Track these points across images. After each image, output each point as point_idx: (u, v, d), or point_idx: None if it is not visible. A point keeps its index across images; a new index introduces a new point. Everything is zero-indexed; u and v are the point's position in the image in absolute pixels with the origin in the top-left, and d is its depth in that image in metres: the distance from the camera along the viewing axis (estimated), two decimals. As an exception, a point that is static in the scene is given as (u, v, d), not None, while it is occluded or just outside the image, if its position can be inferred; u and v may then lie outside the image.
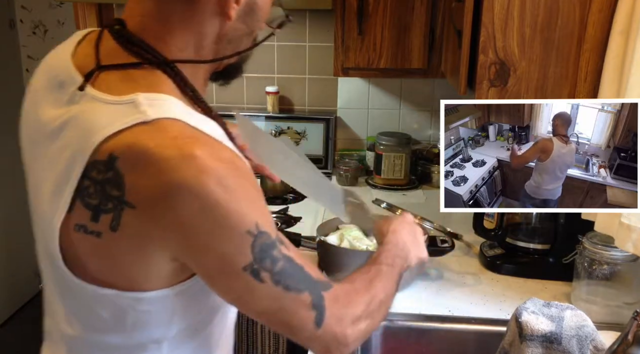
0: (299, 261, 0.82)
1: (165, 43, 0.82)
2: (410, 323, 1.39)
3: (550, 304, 1.11)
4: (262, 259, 0.77)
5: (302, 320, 0.82)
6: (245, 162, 0.81)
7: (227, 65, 0.91)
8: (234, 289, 0.80)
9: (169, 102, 0.77)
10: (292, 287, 0.80)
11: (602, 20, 1.25)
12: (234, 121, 1.00)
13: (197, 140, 0.75)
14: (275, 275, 0.78)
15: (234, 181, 0.75)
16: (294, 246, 0.86)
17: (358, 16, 2.03)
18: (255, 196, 0.79)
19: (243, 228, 0.76)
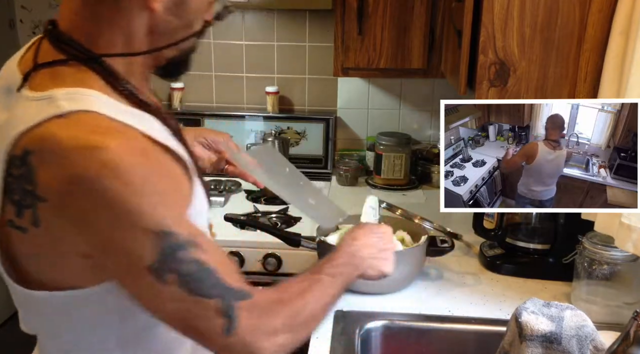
0: (212, 266, 0.79)
1: (94, 39, 0.82)
2: (410, 323, 1.39)
3: (550, 304, 1.11)
4: (167, 260, 0.75)
5: (210, 327, 0.79)
6: (162, 155, 0.79)
7: (169, 59, 0.90)
8: (140, 289, 0.79)
9: (89, 95, 0.78)
10: (199, 292, 0.77)
11: (602, 21, 1.25)
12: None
13: (109, 132, 0.74)
14: (181, 278, 0.76)
15: (141, 176, 0.74)
16: (216, 249, 0.83)
17: (358, 16, 2.03)
18: (167, 194, 0.77)
19: (145, 226, 0.74)
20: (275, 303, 0.87)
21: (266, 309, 0.85)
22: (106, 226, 0.74)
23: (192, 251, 0.77)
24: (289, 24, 2.49)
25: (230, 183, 2.35)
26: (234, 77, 2.56)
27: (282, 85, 2.54)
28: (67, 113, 0.74)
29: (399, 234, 1.61)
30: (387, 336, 1.38)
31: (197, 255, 0.77)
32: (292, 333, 0.88)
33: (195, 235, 0.79)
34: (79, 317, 0.86)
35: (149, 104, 0.86)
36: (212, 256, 0.80)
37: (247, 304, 0.81)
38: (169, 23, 0.85)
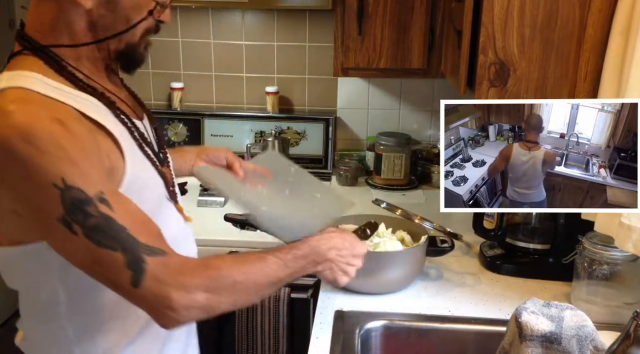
0: (122, 223, 0.87)
1: (43, 34, 0.97)
2: (410, 323, 1.39)
3: (550, 304, 1.11)
4: (74, 212, 0.85)
5: (119, 278, 0.87)
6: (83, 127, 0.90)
7: (118, 53, 1.03)
8: (55, 239, 0.89)
9: (27, 76, 0.91)
10: (105, 244, 0.86)
11: (602, 21, 1.25)
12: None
13: (28, 101, 0.87)
14: (87, 230, 0.85)
15: (48, 139, 0.84)
16: (134, 211, 0.91)
17: (358, 16, 2.03)
18: (76, 156, 0.86)
19: (48, 181, 0.84)
20: (196, 264, 0.95)
21: (182, 268, 0.91)
22: (19, 182, 0.85)
23: (100, 207, 0.86)
24: (289, 24, 2.49)
25: (230, 183, 2.35)
26: (234, 77, 2.56)
27: (282, 85, 2.54)
28: (1, 90, 0.88)
29: (399, 234, 1.61)
30: (387, 336, 1.38)
31: (104, 210, 0.86)
32: (213, 295, 0.92)
33: (106, 193, 0.88)
34: (24, 272, 0.98)
35: (93, 89, 0.98)
36: (125, 215, 0.89)
37: (158, 260, 0.89)
38: (105, 18, 0.97)
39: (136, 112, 1.11)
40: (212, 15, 2.49)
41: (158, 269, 0.88)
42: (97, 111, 0.95)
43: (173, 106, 2.56)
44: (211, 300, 0.92)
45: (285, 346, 1.88)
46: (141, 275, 0.87)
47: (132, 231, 0.88)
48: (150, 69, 2.56)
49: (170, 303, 0.89)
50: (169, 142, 2.50)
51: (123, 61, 1.06)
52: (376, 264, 1.47)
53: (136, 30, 1.01)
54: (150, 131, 1.13)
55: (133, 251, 0.87)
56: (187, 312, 0.90)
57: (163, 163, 1.11)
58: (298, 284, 1.87)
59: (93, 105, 0.96)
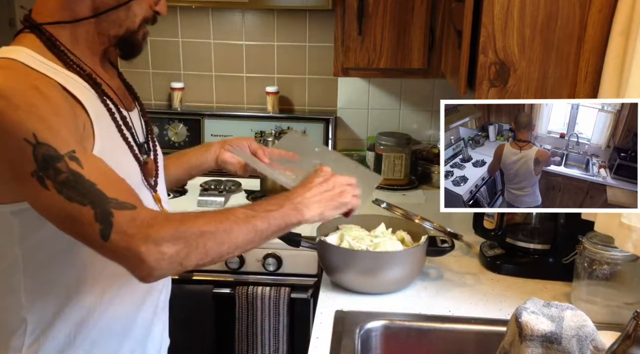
0: (91, 179, 0.91)
1: (44, 16, 1.04)
2: (410, 323, 1.39)
3: (550, 304, 1.11)
4: (45, 168, 0.89)
5: (88, 231, 0.91)
6: (59, 97, 0.95)
7: (117, 38, 1.08)
8: (28, 193, 0.93)
9: (20, 50, 0.98)
10: (75, 198, 0.90)
11: (602, 21, 1.25)
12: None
13: (11, 69, 0.94)
14: (57, 185, 0.90)
15: (24, 100, 0.90)
16: (104, 169, 0.96)
17: (358, 16, 2.03)
18: (46, 115, 0.91)
19: (20, 136, 0.89)
20: (164, 218, 0.97)
21: (151, 221, 0.94)
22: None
23: (70, 164, 0.91)
24: (289, 24, 2.49)
25: (230, 183, 2.35)
26: (234, 77, 2.57)
27: (282, 85, 2.54)
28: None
29: (399, 234, 1.61)
30: (387, 336, 1.38)
31: (73, 167, 0.91)
32: (181, 246, 0.94)
33: (77, 152, 0.92)
34: None
35: (81, 69, 1.04)
36: (95, 172, 0.93)
37: (126, 213, 0.92)
38: (106, 3, 1.04)
39: (125, 102, 1.14)
40: (212, 15, 2.49)
41: (126, 223, 0.91)
42: (79, 88, 1.00)
43: (173, 106, 2.56)
44: (181, 251, 0.94)
45: (285, 346, 1.88)
46: (110, 229, 0.90)
47: (101, 187, 0.92)
48: (150, 69, 2.56)
49: (140, 255, 0.91)
50: (169, 142, 2.50)
51: (122, 47, 1.10)
52: (376, 264, 1.47)
53: (135, 17, 1.07)
54: (139, 122, 1.17)
55: (101, 205, 0.90)
56: (157, 264, 0.92)
57: (146, 153, 1.15)
58: (298, 284, 1.87)
59: (77, 83, 1.01)
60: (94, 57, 1.09)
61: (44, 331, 1.06)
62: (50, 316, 1.06)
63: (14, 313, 1.05)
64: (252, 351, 1.89)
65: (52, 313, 1.06)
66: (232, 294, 1.86)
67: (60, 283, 1.05)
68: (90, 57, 1.08)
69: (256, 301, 1.84)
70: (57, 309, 1.06)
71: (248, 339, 1.88)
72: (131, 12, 1.06)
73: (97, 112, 1.02)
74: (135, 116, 1.17)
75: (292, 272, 1.89)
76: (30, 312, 1.05)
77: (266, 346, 1.88)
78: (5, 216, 0.99)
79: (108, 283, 1.09)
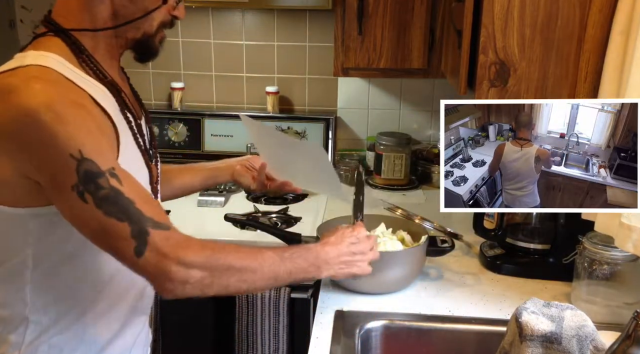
0: (129, 196, 0.94)
1: (67, 19, 1.04)
2: (410, 323, 1.39)
3: (550, 304, 1.11)
4: (87, 182, 0.91)
5: (122, 247, 0.94)
6: (96, 111, 0.98)
7: (134, 42, 1.09)
8: (66, 206, 0.94)
9: (50, 57, 0.98)
10: (113, 214, 0.92)
11: (602, 21, 1.25)
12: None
13: (51, 80, 0.95)
14: (97, 200, 0.92)
15: (70, 112, 0.92)
16: (140, 188, 0.98)
17: (358, 16, 2.03)
18: (92, 133, 0.94)
19: (66, 151, 0.91)
20: (196, 242, 1.00)
21: (183, 244, 0.97)
22: (40, 147, 0.91)
23: (111, 180, 0.93)
24: (289, 24, 2.49)
25: (231, 183, 2.35)
26: (234, 77, 2.56)
27: (282, 85, 2.54)
28: (27, 66, 0.96)
29: (399, 234, 1.61)
30: (387, 336, 1.38)
31: (114, 184, 0.93)
32: (208, 273, 0.98)
33: (116, 170, 0.95)
34: (3, 232, 1.02)
35: (104, 76, 1.05)
36: (132, 190, 0.95)
37: (162, 233, 0.95)
38: (126, 8, 1.05)
39: (136, 108, 1.15)
40: (212, 15, 2.49)
41: (160, 242, 0.94)
42: (105, 98, 1.02)
43: (173, 106, 2.56)
44: (206, 279, 0.98)
45: (285, 346, 1.88)
46: (144, 246, 0.93)
47: (139, 205, 0.94)
48: (150, 69, 2.56)
49: (169, 274, 0.94)
50: (169, 142, 2.50)
51: (139, 50, 1.11)
52: (376, 264, 1.47)
53: (153, 21, 1.08)
54: (145, 128, 1.18)
55: (139, 223, 0.93)
56: (182, 286, 0.96)
57: (152, 159, 1.17)
58: (298, 284, 1.87)
59: (102, 92, 1.03)
60: (112, 61, 1.10)
61: (45, 331, 1.06)
62: (51, 317, 1.06)
63: (17, 310, 1.05)
64: (252, 351, 1.89)
65: (54, 313, 1.07)
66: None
67: (63, 285, 1.06)
68: (109, 61, 1.09)
69: (256, 301, 1.84)
70: (58, 311, 1.07)
71: (248, 339, 1.88)
72: (150, 16, 1.07)
73: (119, 122, 1.04)
74: (143, 123, 1.18)
75: (292, 272, 1.89)
76: (33, 311, 1.05)
77: (266, 346, 1.88)
78: (25, 218, 1.00)
79: (108, 288, 1.10)
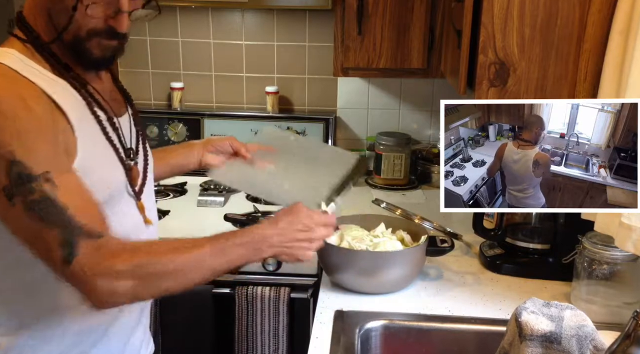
0: (62, 203, 0.91)
1: (32, 15, 1.04)
2: (410, 323, 1.39)
3: (550, 304, 1.11)
4: (18, 185, 0.89)
5: (51, 255, 0.91)
6: (46, 108, 0.95)
7: (69, 46, 1.03)
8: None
9: (10, 54, 0.99)
10: (43, 220, 0.90)
11: (602, 20, 1.25)
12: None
13: (2, 75, 0.94)
14: (26, 204, 0.89)
15: (8, 113, 0.90)
16: (78, 193, 0.95)
17: (358, 16, 2.03)
18: (30, 134, 0.91)
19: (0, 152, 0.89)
20: (128, 249, 0.97)
21: (114, 252, 0.94)
22: None
23: (44, 185, 0.90)
24: (289, 24, 2.49)
25: (230, 183, 2.35)
26: (233, 77, 2.56)
27: (282, 85, 2.54)
28: None
29: (399, 234, 1.61)
30: (387, 336, 1.38)
31: (46, 188, 0.90)
32: (140, 281, 0.96)
33: (53, 174, 0.91)
34: None
35: (67, 71, 1.03)
36: (69, 196, 0.92)
37: (91, 242, 0.92)
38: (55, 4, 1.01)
39: (114, 106, 1.12)
40: (212, 15, 2.49)
41: (89, 252, 0.91)
42: (62, 93, 1.00)
43: (173, 106, 2.56)
44: (138, 287, 0.95)
45: (285, 346, 1.88)
46: (72, 256, 0.91)
47: (72, 212, 0.91)
48: (150, 69, 2.56)
49: (95, 286, 0.92)
50: (169, 142, 2.50)
51: (74, 55, 1.05)
52: (376, 264, 1.47)
53: (84, 25, 1.01)
54: (130, 127, 1.16)
55: (68, 232, 0.91)
56: (110, 297, 0.94)
57: (132, 159, 1.13)
58: (298, 284, 1.87)
59: (61, 87, 1.00)
60: (69, 58, 1.06)
61: (16, 332, 1.05)
62: (21, 319, 1.05)
63: None
64: (252, 351, 1.89)
65: (23, 316, 1.05)
66: (232, 294, 1.86)
67: (24, 289, 1.04)
68: (73, 62, 1.06)
69: (256, 301, 1.84)
70: (27, 313, 1.05)
71: (248, 339, 1.88)
72: (80, 19, 1.00)
73: (80, 116, 1.01)
74: (125, 122, 1.15)
75: (292, 272, 1.89)
76: (1, 313, 1.05)
77: (266, 346, 1.88)
78: None
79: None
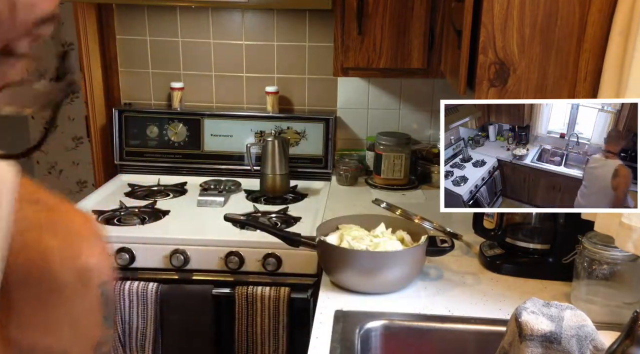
0: None
1: None
2: (410, 323, 1.39)
3: (550, 304, 1.11)
4: None
5: None
6: None
7: None
8: None
9: None
10: None
11: (602, 20, 1.25)
12: None
13: None
14: None
15: None
16: None
17: (358, 16, 2.03)
18: None
19: None
20: None
21: None
22: None
23: None
24: (289, 24, 2.49)
25: (230, 183, 2.35)
26: (233, 77, 2.56)
27: (282, 85, 2.54)
28: None
29: (399, 234, 1.61)
30: (387, 336, 1.38)
31: None
32: None
33: None
34: None
35: None
36: None
37: None
38: None
39: None
40: (212, 15, 2.49)
41: None
42: None
43: (173, 106, 2.56)
44: None
45: (285, 346, 1.88)
46: None
47: None
48: (150, 69, 2.56)
49: None
50: (169, 142, 2.50)
51: None
52: (376, 264, 1.47)
53: None
54: None
55: None
56: None
57: None
58: (298, 284, 1.87)
59: None
60: None
61: None
62: None
63: None
64: (252, 350, 1.89)
65: None
66: (232, 294, 1.86)
67: None
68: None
69: (256, 301, 1.84)
70: None
71: (248, 339, 1.88)
72: None
73: None
74: None
75: (292, 272, 1.89)
76: None
77: (266, 345, 1.88)
78: None
79: None
